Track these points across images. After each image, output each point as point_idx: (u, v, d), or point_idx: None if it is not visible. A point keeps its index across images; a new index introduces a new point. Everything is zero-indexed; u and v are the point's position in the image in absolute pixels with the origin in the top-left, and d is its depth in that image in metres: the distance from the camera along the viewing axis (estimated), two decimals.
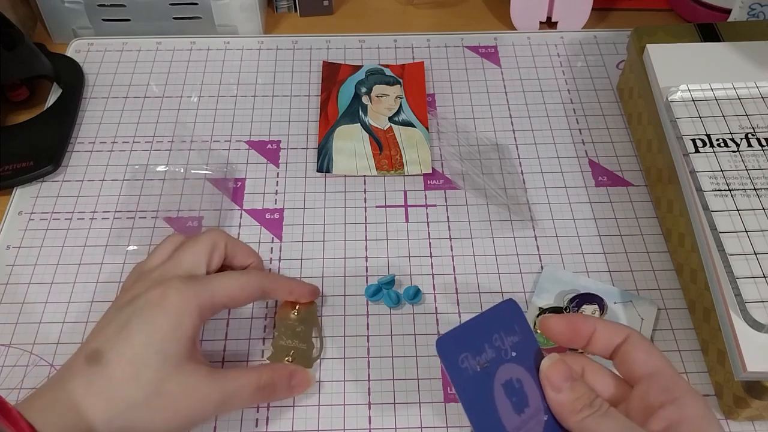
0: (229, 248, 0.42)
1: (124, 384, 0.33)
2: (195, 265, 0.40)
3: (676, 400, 0.31)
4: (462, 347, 0.32)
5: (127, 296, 0.39)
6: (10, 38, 0.60)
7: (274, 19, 0.71)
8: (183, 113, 0.62)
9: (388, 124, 0.60)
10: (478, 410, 0.31)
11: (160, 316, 0.35)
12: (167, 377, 0.35)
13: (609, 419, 0.31)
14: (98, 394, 0.33)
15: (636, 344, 0.34)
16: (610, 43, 0.68)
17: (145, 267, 0.42)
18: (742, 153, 0.48)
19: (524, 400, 0.32)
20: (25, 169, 0.56)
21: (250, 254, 0.45)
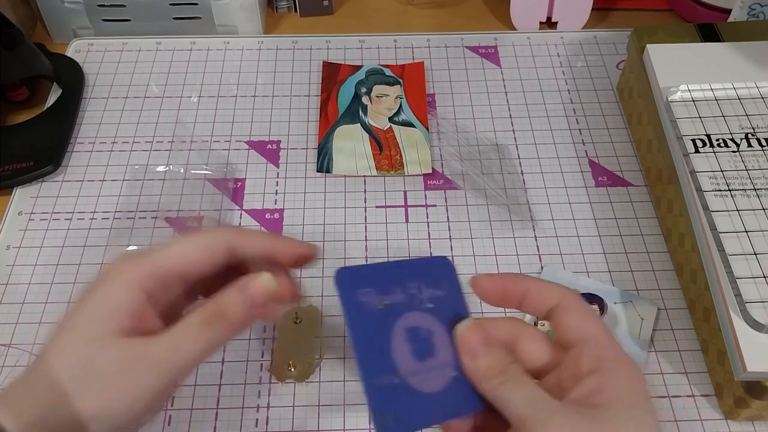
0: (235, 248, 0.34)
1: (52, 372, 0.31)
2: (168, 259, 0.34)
3: (604, 369, 0.30)
4: (366, 283, 0.31)
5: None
6: (10, 38, 0.60)
7: (274, 19, 0.71)
8: (183, 113, 0.62)
9: (388, 124, 0.60)
10: (363, 341, 0.30)
11: (90, 297, 0.32)
12: (95, 356, 0.31)
13: (520, 387, 0.30)
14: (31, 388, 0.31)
15: (570, 308, 0.32)
16: (610, 43, 0.68)
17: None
18: (742, 153, 0.48)
19: (429, 350, 0.31)
20: (25, 169, 0.56)
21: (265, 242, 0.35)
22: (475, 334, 0.32)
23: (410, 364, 0.31)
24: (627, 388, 0.29)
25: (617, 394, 0.29)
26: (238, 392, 0.46)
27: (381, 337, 0.31)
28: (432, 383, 0.31)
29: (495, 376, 0.30)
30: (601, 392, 0.29)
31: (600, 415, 0.28)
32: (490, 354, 0.31)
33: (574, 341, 0.31)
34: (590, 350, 0.31)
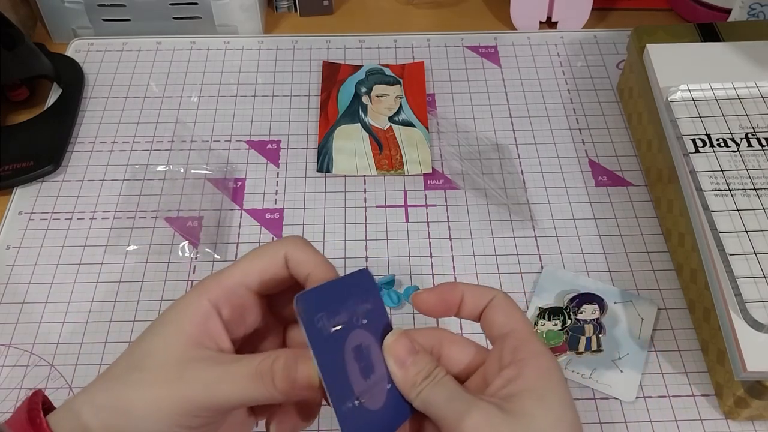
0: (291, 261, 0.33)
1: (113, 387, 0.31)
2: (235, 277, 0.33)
3: (519, 360, 0.30)
4: (319, 307, 0.31)
5: None
6: (10, 38, 0.60)
7: (274, 19, 0.71)
8: (183, 113, 0.62)
9: (388, 123, 0.60)
10: (330, 370, 0.31)
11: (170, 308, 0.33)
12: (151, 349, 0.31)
13: (440, 388, 0.30)
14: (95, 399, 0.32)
15: (497, 306, 0.33)
16: (610, 43, 0.68)
17: None
18: (742, 153, 0.48)
19: (370, 367, 0.32)
20: (25, 169, 0.56)
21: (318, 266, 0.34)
22: (402, 345, 0.32)
23: (361, 385, 0.31)
24: (540, 378, 0.30)
25: (530, 384, 0.30)
26: None
27: (337, 361, 0.31)
28: (377, 399, 0.32)
29: (420, 383, 0.31)
30: (515, 382, 0.30)
31: (513, 405, 0.29)
32: (417, 362, 0.32)
33: (498, 336, 0.32)
34: (510, 343, 0.31)
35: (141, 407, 0.30)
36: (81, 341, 0.48)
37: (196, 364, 0.30)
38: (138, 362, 0.31)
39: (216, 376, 0.30)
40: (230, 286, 0.32)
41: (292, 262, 0.33)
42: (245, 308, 0.33)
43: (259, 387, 0.30)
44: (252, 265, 0.33)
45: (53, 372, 0.46)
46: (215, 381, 0.30)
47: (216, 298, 0.32)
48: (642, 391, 0.46)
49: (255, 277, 0.33)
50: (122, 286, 0.50)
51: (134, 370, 0.31)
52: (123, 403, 0.30)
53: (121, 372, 0.31)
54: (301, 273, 0.33)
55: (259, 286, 0.33)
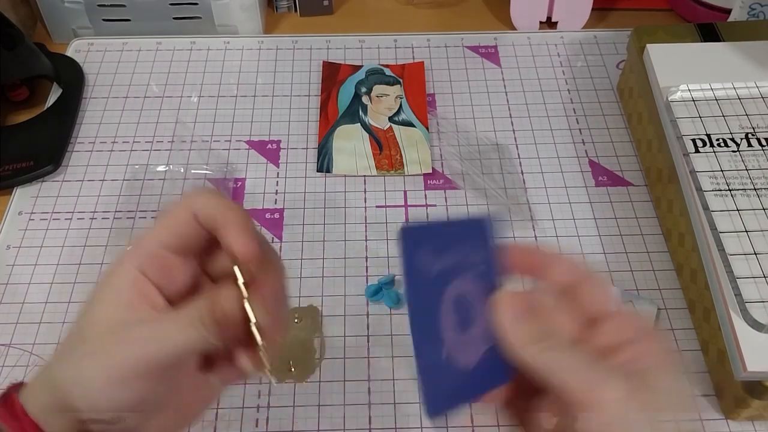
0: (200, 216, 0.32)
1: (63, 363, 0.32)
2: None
3: (637, 340, 0.30)
4: (424, 243, 0.30)
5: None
6: (10, 38, 0.60)
7: (274, 19, 0.71)
8: (183, 113, 0.62)
9: (388, 124, 0.60)
10: (419, 312, 0.30)
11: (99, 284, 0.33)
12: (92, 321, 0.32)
13: (568, 352, 0.29)
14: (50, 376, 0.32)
15: (594, 286, 0.32)
16: (610, 43, 0.68)
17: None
18: (742, 153, 0.48)
19: (469, 321, 0.30)
20: (25, 169, 0.56)
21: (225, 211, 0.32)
22: (511, 302, 0.31)
23: (454, 338, 0.30)
24: (661, 355, 0.30)
25: (655, 360, 0.29)
26: (238, 392, 0.46)
27: (431, 307, 0.30)
28: (468, 357, 0.30)
29: (536, 343, 0.30)
30: (641, 359, 0.29)
31: (644, 379, 0.29)
32: (529, 321, 0.30)
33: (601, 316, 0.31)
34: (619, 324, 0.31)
35: (89, 378, 0.30)
36: None
37: (131, 326, 0.31)
38: (82, 334, 0.32)
39: (149, 332, 0.30)
40: (150, 250, 0.32)
41: (201, 217, 0.32)
42: (171, 268, 0.33)
43: (192, 333, 0.30)
44: (162, 228, 0.32)
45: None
46: (149, 337, 0.30)
47: (140, 263, 0.32)
48: None
49: (168, 238, 0.32)
50: None
51: (79, 343, 0.31)
52: (73, 376, 0.31)
53: (68, 347, 0.32)
54: (210, 224, 0.32)
55: (178, 245, 0.32)
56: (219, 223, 0.32)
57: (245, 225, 0.32)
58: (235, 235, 0.31)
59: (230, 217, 0.32)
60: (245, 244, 0.31)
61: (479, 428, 0.44)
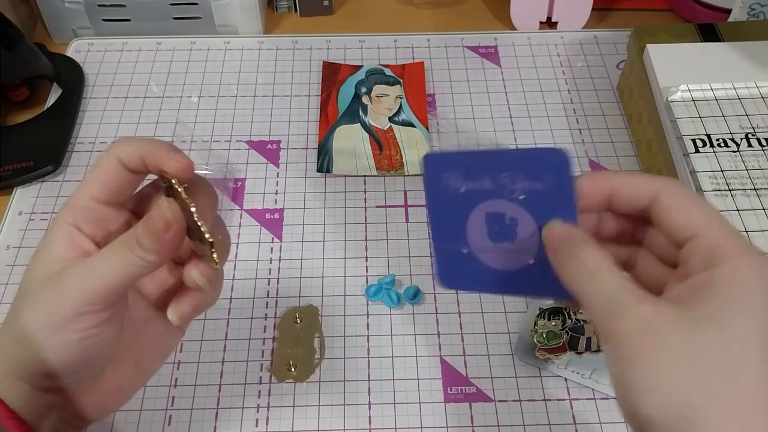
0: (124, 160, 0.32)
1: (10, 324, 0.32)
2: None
3: (715, 265, 0.25)
4: (453, 167, 0.30)
5: None
6: (10, 38, 0.60)
7: (274, 19, 0.71)
8: (183, 113, 0.62)
9: (388, 124, 0.60)
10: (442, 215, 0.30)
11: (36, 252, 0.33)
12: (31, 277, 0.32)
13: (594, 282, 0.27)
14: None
15: (667, 205, 0.28)
16: (610, 43, 0.68)
17: None
18: (742, 153, 0.48)
19: (508, 236, 0.30)
20: (25, 169, 0.56)
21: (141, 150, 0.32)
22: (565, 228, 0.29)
23: (484, 242, 0.30)
24: (738, 285, 0.25)
25: (723, 291, 0.25)
26: (238, 392, 0.46)
27: (458, 214, 0.30)
28: (503, 263, 0.30)
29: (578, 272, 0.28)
30: (706, 288, 0.25)
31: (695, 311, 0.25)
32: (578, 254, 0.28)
33: (681, 241, 0.27)
34: (699, 250, 0.26)
35: (38, 329, 0.30)
36: None
37: (67, 269, 0.31)
38: (23, 292, 0.32)
39: (85, 266, 0.31)
40: (80, 204, 0.33)
41: (127, 160, 0.32)
42: (104, 219, 0.33)
43: (130, 255, 0.30)
44: (91, 180, 0.33)
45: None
46: (90, 270, 0.30)
47: (72, 218, 0.32)
48: None
49: (97, 189, 0.32)
50: None
51: (21, 300, 0.32)
52: (22, 332, 0.31)
53: (12, 308, 0.32)
54: (137, 162, 0.32)
55: (108, 195, 0.33)
56: (146, 156, 0.32)
57: (171, 148, 0.32)
58: (165, 157, 0.31)
59: (155, 146, 0.32)
60: (177, 159, 0.31)
61: (479, 428, 0.44)
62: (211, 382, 0.46)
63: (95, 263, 0.31)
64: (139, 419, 0.44)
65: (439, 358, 0.47)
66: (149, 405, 0.45)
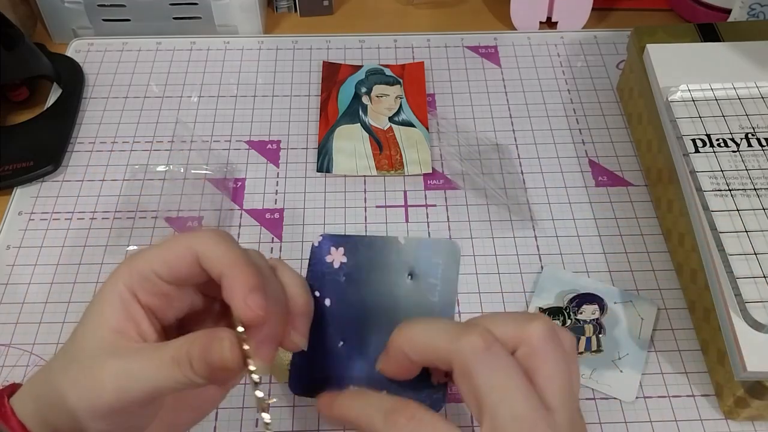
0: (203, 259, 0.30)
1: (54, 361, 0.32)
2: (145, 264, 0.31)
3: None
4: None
5: None
6: (10, 38, 0.60)
7: (274, 19, 0.71)
8: (183, 113, 0.62)
9: (388, 124, 0.60)
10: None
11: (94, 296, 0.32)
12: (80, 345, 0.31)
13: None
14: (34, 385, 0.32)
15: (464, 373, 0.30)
16: (610, 43, 0.68)
17: None
18: (742, 153, 0.48)
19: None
20: (25, 169, 0.56)
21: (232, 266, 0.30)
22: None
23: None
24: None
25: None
26: (238, 392, 0.46)
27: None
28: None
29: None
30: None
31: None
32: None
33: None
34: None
35: (73, 404, 0.30)
36: None
37: (116, 357, 0.29)
38: (71, 355, 0.31)
39: (131, 365, 0.29)
40: (142, 273, 0.31)
41: (205, 260, 0.30)
42: (163, 294, 0.31)
43: (177, 373, 0.29)
44: (158, 257, 0.31)
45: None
46: (130, 372, 0.29)
47: (130, 284, 0.31)
48: (642, 391, 0.46)
49: (164, 269, 0.31)
50: None
51: (68, 364, 0.31)
52: (58, 395, 0.30)
53: (59, 362, 0.31)
54: (214, 272, 0.30)
55: (171, 278, 0.31)
56: (224, 278, 0.30)
57: (254, 285, 0.29)
58: (240, 299, 0.29)
59: (237, 275, 0.30)
60: (252, 307, 0.29)
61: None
62: None
63: (138, 366, 0.29)
64: None
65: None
66: None
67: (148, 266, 0.31)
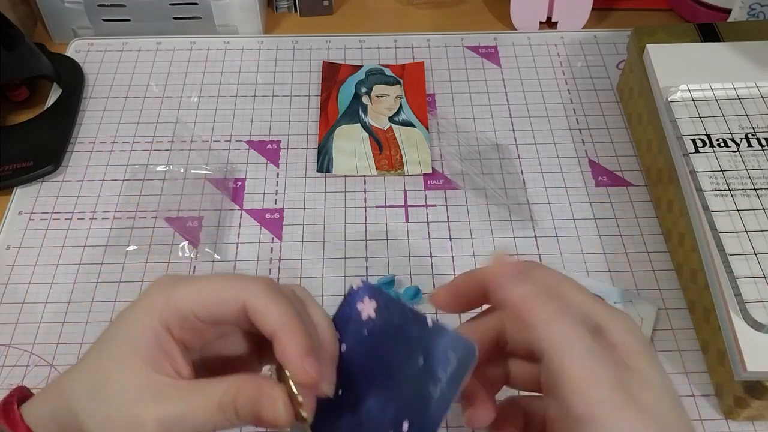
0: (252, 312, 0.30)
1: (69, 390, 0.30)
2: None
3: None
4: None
5: None
6: (10, 38, 0.60)
7: (274, 19, 0.71)
8: (183, 113, 0.62)
9: (388, 124, 0.60)
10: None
11: (119, 320, 0.31)
12: (109, 375, 0.29)
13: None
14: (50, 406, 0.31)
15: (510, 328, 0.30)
16: (610, 43, 0.68)
17: None
18: (742, 153, 0.48)
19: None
20: (25, 169, 0.56)
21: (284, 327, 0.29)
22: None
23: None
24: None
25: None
26: None
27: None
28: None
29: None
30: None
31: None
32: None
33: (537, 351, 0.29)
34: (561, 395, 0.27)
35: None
36: (81, 341, 0.48)
37: (158, 401, 0.28)
38: (99, 387, 0.29)
39: (174, 408, 0.28)
40: (181, 311, 0.30)
41: (257, 316, 0.29)
42: (201, 333, 0.30)
43: (221, 418, 0.28)
44: (204, 301, 0.30)
45: (53, 372, 0.46)
46: (173, 417, 0.28)
47: (167, 320, 0.29)
48: None
49: (205, 313, 0.30)
50: (122, 287, 0.50)
51: (95, 397, 0.29)
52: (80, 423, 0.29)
53: (83, 395, 0.29)
54: (265, 330, 0.29)
55: (211, 321, 0.30)
56: (278, 338, 0.29)
57: (309, 349, 0.29)
58: (297, 362, 0.28)
59: (293, 338, 0.29)
60: (308, 373, 0.28)
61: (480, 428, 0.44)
62: None
63: (183, 411, 0.28)
64: None
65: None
66: None
67: (189, 307, 0.30)
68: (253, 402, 0.28)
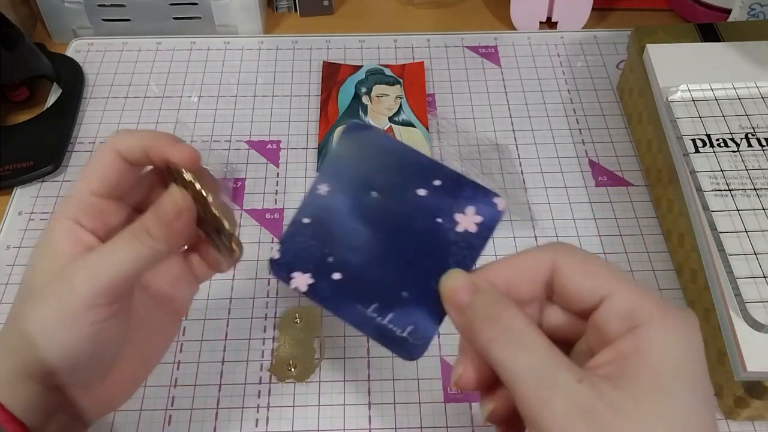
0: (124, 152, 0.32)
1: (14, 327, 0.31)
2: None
3: (638, 330, 0.23)
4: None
5: None
6: (10, 38, 0.60)
7: (274, 19, 0.71)
8: (183, 113, 0.62)
9: (388, 124, 0.60)
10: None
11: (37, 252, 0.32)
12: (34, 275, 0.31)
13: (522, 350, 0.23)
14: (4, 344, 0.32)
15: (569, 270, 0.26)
16: (610, 43, 0.68)
17: None
18: (742, 153, 0.48)
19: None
20: (25, 168, 0.56)
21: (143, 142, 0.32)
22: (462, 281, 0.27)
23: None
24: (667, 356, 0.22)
25: (650, 366, 0.22)
26: (238, 392, 0.46)
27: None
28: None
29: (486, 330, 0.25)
30: (637, 358, 0.23)
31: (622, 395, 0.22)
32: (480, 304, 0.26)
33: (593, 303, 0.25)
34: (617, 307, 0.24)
35: (47, 326, 0.30)
36: None
37: (77, 261, 0.30)
38: (26, 291, 0.31)
39: (97, 257, 0.30)
40: (79, 199, 0.32)
41: (128, 153, 0.32)
42: (104, 213, 0.32)
43: (139, 245, 0.30)
44: (90, 175, 0.32)
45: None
46: (98, 262, 0.30)
47: (72, 214, 0.32)
48: None
49: (96, 183, 0.32)
50: None
51: (26, 299, 0.31)
52: (29, 331, 0.30)
53: (15, 308, 0.31)
54: (139, 155, 0.32)
55: (107, 189, 0.32)
56: (150, 148, 0.32)
57: (174, 139, 0.32)
58: (171, 148, 0.32)
59: (158, 137, 0.32)
60: (183, 149, 0.32)
61: (479, 428, 0.44)
62: (211, 382, 0.46)
63: (103, 255, 0.30)
64: (138, 419, 0.44)
65: (439, 358, 0.47)
66: (149, 405, 0.45)
67: (84, 188, 0.32)
68: (155, 209, 0.30)
